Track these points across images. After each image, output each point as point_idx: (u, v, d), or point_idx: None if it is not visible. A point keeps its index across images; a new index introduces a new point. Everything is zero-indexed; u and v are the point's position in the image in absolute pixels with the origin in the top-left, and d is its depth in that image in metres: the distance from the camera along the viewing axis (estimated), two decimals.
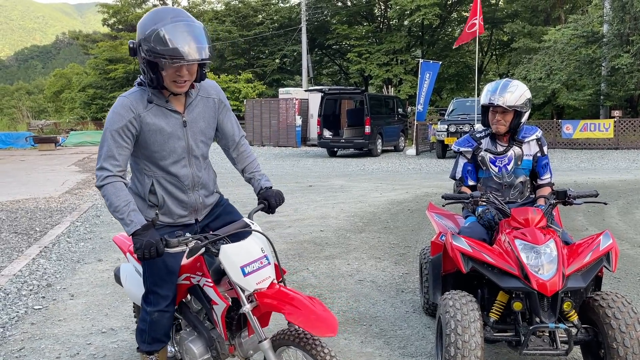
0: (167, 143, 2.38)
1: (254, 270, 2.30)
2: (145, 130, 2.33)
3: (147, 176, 2.45)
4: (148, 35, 2.14)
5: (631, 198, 8.90)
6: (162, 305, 2.50)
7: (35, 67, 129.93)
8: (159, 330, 2.55)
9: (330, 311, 2.23)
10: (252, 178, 2.64)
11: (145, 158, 2.41)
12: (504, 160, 3.38)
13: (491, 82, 3.40)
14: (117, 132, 2.29)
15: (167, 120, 2.36)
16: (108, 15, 46.29)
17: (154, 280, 2.50)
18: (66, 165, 16.89)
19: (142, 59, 2.22)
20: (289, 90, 26.06)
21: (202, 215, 2.61)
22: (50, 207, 9.12)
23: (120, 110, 2.30)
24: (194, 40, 2.14)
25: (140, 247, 2.18)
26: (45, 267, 5.48)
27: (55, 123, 40.33)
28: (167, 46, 2.11)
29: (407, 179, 12.33)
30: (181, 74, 2.24)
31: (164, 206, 2.47)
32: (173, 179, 2.45)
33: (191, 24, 2.17)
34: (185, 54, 2.12)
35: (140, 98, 2.33)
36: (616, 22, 19.82)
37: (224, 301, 2.39)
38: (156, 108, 2.34)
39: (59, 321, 4.05)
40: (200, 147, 2.49)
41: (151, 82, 2.26)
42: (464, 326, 2.59)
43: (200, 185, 2.54)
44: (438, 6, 28.90)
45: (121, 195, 2.28)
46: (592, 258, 2.72)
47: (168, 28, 2.12)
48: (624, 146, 18.77)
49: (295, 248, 6.02)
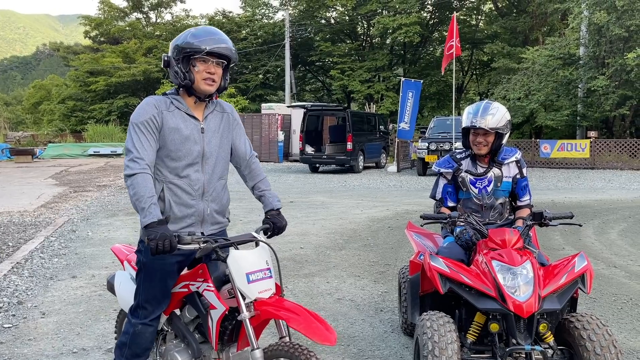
0: (184, 144, 2.50)
1: (258, 280, 2.40)
2: (165, 127, 2.48)
3: (158, 181, 2.52)
4: (182, 40, 2.47)
5: (606, 218, 9.06)
6: (147, 319, 2.57)
7: (15, 78, 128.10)
8: (141, 344, 2.58)
9: (329, 325, 2.30)
10: (262, 196, 2.74)
11: (160, 160, 2.51)
12: (484, 181, 3.40)
13: (472, 105, 3.44)
14: (143, 124, 2.45)
15: (186, 123, 2.53)
16: (90, 28, 45.95)
17: (147, 298, 2.56)
18: (43, 178, 16.59)
19: (176, 62, 2.48)
20: (272, 106, 26.09)
21: (208, 229, 2.63)
22: (24, 221, 8.92)
23: (146, 106, 2.49)
24: (222, 39, 2.49)
25: (154, 238, 2.26)
26: (17, 283, 5.34)
27: (33, 135, 39.68)
28: (195, 41, 2.44)
29: (387, 195, 12.38)
30: (210, 71, 2.47)
31: (169, 212, 2.51)
32: (183, 183, 2.53)
33: (219, 31, 2.55)
34: (210, 45, 2.44)
35: (164, 101, 2.54)
36: (592, 45, 20.35)
37: (224, 304, 2.44)
38: (177, 112, 2.53)
39: (29, 340, 3.93)
40: (214, 155, 2.59)
41: (184, 78, 2.47)
42: (441, 347, 2.58)
43: (210, 196, 2.60)
44: (419, 25, 29.40)
45: (148, 186, 2.38)
46: (568, 280, 2.74)
47: (198, 30, 2.50)
48: (600, 166, 19.15)
49: (274, 266, 5.97)
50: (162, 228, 2.30)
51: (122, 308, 3.01)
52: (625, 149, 19.31)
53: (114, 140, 30.43)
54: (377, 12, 32.03)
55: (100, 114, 37.77)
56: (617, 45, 19.93)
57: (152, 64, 37.44)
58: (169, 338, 2.76)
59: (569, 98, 21.62)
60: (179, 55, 2.47)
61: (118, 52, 40.21)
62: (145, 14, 47.29)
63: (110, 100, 38.37)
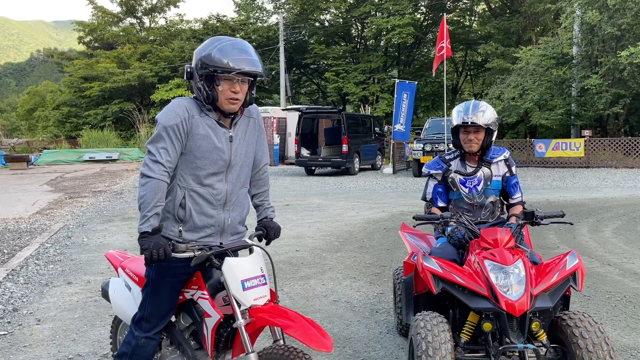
0: (211, 152, 2.44)
1: (253, 287, 2.40)
2: (195, 133, 2.40)
3: (179, 188, 2.46)
4: (207, 54, 2.33)
5: (601, 216, 9.10)
6: (151, 332, 2.54)
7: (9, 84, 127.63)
8: (142, 355, 2.56)
9: (325, 330, 2.31)
10: (260, 205, 2.74)
11: (184, 166, 2.44)
12: (474, 181, 3.43)
13: (460, 104, 3.47)
14: (172, 128, 2.36)
15: (215, 131, 2.45)
16: (84, 33, 45.81)
17: (153, 312, 2.52)
18: (38, 185, 16.54)
19: (199, 77, 2.37)
20: (267, 109, 26.07)
21: (228, 239, 2.58)
22: (19, 228, 8.90)
23: (177, 108, 2.39)
24: (247, 55, 2.35)
25: (148, 247, 2.24)
26: (12, 290, 5.33)
27: (28, 141, 39.52)
28: (223, 59, 2.30)
29: (383, 197, 12.40)
30: (235, 90, 2.36)
31: (189, 221, 2.46)
32: (206, 192, 2.47)
33: (245, 43, 2.41)
34: (239, 66, 2.31)
35: (196, 105, 2.44)
36: (585, 44, 20.44)
37: (218, 312, 2.43)
38: (208, 119, 2.45)
39: (24, 347, 3.92)
40: (239, 164, 2.54)
41: (207, 99, 2.38)
42: (435, 347, 2.59)
43: (232, 205, 2.55)
44: (413, 26, 29.48)
45: (158, 195, 2.33)
46: (559, 278, 2.76)
47: (225, 45, 2.34)
48: (594, 165, 19.22)
49: (269, 271, 5.97)
50: (155, 237, 2.28)
51: (117, 315, 3.01)
52: (620, 148, 19.39)
53: (109, 145, 30.35)
54: (370, 14, 32.11)
55: (95, 120, 37.65)
56: (609, 44, 20.02)
57: (146, 69, 37.38)
58: (164, 344, 2.75)
59: (563, 97, 21.70)
60: (203, 70, 2.34)
61: (112, 58, 40.10)
62: (139, 19, 47.18)
63: (105, 106, 38.24)
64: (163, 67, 37.37)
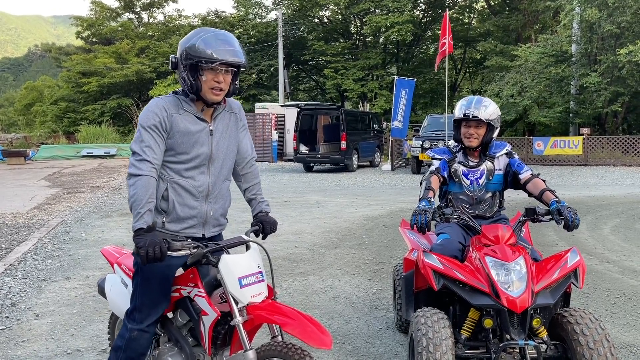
0: (192, 147, 2.47)
1: (250, 284, 2.37)
2: (175, 131, 2.43)
3: (162, 180, 2.47)
4: (191, 45, 2.36)
5: (599, 214, 9.11)
6: (144, 324, 2.51)
7: (6, 79, 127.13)
8: (136, 349, 2.53)
9: (324, 327, 2.27)
10: (253, 200, 2.73)
11: (165, 159, 2.47)
12: (476, 173, 3.42)
13: (464, 98, 3.45)
14: (152, 128, 2.39)
15: (195, 126, 2.48)
16: (82, 28, 45.65)
17: (144, 301, 2.50)
18: (36, 180, 16.50)
19: (184, 67, 2.40)
20: (266, 105, 26.06)
21: (210, 232, 2.61)
22: (17, 223, 8.87)
23: (155, 109, 2.42)
24: (229, 46, 2.37)
25: (143, 245, 2.21)
26: (10, 285, 5.31)
27: (25, 136, 39.45)
28: (207, 49, 2.33)
29: (382, 194, 12.39)
30: (218, 80, 2.39)
31: (172, 212, 2.47)
32: (188, 184, 2.48)
33: (228, 35, 2.44)
34: (222, 56, 2.34)
35: (174, 103, 2.47)
36: (584, 42, 20.42)
37: (215, 311, 2.41)
38: (187, 114, 2.47)
39: (23, 342, 3.91)
40: (221, 157, 2.56)
41: (191, 88, 2.40)
42: (436, 344, 2.59)
43: (214, 197, 2.57)
44: (412, 23, 29.44)
45: (149, 191, 2.33)
46: (560, 275, 2.75)
47: (208, 36, 2.38)
48: (593, 162, 19.25)
49: (267, 268, 5.97)
50: (150, 235, 2.25)
51: (113, 311, 2.99)
52: (618, 146, 19.41)
53: (107, 141, 30.29)
54: (369, 10, 32.05)
55: (93, 115, 37.57)
56: (608, 42, 20.02)
57: (144, 65, 37.28)
58: (162, 341, 2.73)
59: (562, 95, 21.69)
60: (188, 61, 2.37)
61: (110, 53, 40.00)
62: (137, 14, 47.05)
63: (103, 101, 38.17)
64: (161, 63, 37.28)
